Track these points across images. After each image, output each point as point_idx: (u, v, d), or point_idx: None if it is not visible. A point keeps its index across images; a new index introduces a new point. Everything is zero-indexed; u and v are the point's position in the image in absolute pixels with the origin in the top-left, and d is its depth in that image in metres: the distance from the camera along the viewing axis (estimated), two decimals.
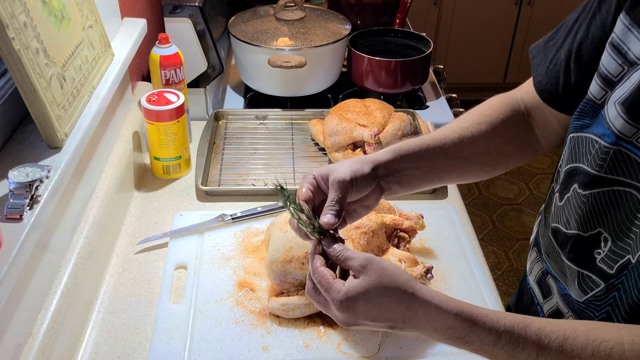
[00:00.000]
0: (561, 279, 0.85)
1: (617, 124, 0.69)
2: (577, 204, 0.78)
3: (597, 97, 0.73)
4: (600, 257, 0.76)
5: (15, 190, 0.79)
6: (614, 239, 0.73)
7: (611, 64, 0.71)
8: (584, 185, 0.76)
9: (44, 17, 0.90)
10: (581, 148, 0.76)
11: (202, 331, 0.93)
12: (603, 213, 0.74)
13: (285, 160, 1.37)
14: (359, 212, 0.81)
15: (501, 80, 3.65)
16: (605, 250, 0.75)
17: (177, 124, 1.23)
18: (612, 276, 0.75)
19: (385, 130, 1.29)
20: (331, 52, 1.55)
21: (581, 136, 0.76)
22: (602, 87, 0.73)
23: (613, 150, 0.71)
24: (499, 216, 2.93)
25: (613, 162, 0.71)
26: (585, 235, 0.77)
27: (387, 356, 0.90)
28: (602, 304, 0.78)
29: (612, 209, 0.73)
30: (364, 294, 0.67)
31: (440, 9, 3.41)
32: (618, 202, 0.72)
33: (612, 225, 0.73)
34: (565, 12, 2.91)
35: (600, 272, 0.76)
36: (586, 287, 0.79)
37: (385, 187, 0.80)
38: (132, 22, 1.32)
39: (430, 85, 1.77)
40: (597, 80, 0.73)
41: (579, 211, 0.78)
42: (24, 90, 0.85)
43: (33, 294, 0.84)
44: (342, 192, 0.74)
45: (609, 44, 0.72)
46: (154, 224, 1.18)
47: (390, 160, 0.79)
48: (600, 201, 0.74)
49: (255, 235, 1.13)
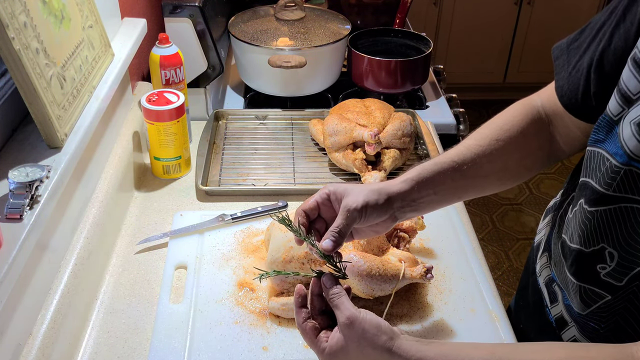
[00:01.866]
0: (565, 290, 0.85)
1: (631, 145, 0.67)
2: (582, 219, 0.77)
3: (614, 113, 0.71)
4: (605, 272, 0.75)
5: (15, 190, 0.79)
6: (621, 252, 0.72)
7: (631, 81, 0.68)
8: (590, 202, 0.75)
9: (44, 17, 0.90)
10: (591, 163, 0.75)
11: (202, 331, 0.93)
12: (607, 229, 0.73)
13: (285, 160, 1.37)
14: (367, 234, 0.83)
15: (501, 80, 3.65)
16: (612, 265, 0.74)
17: (177, 124, 1.23)
18: (621, 288, 0.74)
19: (385, 130, 1.29)
20: (331, 52, 1.55)
21: (594, 151, 0.74)
22: (620, 104, 0.70)
23: (624, 170, 0.69)
24: (499, 216, 2.93)
25: (623, 182, 0.70)
26: (587, 250, 0.77)
27: None
28: (608, 315, 0.77)
29: (617, 225, 0.72)
30: (344, 350, 0.71)
31: (440, 9, 3.41)
32: (624, 218, 0.71)
33: (616, 240, 0.72)
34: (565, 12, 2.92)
35: (607, 285, 0.75)
36: (589, 300, 0.79)
37: (399, 216, 0.81)
38: (132, 22, 1.32)
39: (430, 85, 1.77)
40: (616, 96, 0.70)
41: (582, 226, 0.76)
42: (24, 90, 0.85)
43: (33, 294, 0.84)
44: (349, 221, 0.76)
45: (631, 59, 0.68)
46: (154, 224, 1.18)
47: (408, 191, 0.80)
48: (605, 218, 0.73)
49: (255, 235, 1.13)
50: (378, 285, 0.90)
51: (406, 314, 0.96)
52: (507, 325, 0.95)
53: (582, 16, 3.46)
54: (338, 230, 0.75)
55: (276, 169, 1.34)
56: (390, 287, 0.91)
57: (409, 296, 1.00)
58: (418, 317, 0.96)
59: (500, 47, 3.55)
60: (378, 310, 0.96)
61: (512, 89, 3.70)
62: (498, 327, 0.95)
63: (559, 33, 3.92)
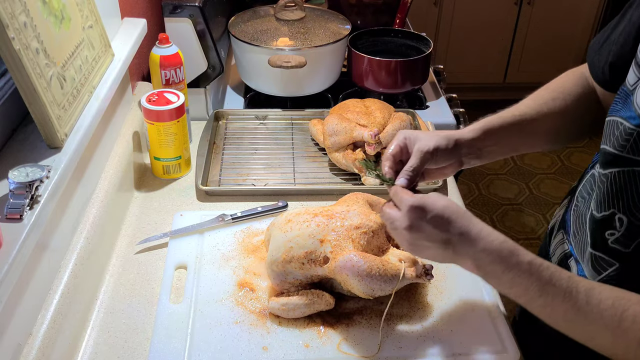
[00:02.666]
0: (580, 261, 0.87)
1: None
2: (596, 183, 0.82)
3: (631, 83, 0.76)
4: (614, 238, 0.78)
5: (15, 190, 0.79)
6: (630, 218, 0.75)
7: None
8: (604, 165, 0.79)
9: (44, 17, 0.90)
10: (608, 131, 0.79)
11: (202, 331, 0.93)
12: (619, 193, 0.76)
13: (285, 160, 1.37)
14: (436, 175, 0.92)
15: (501, 80, 3.65)
16: (622, 231, 0.76)
17: (177, 124, 1.23)
18: (629, 255, 0.76)
19: (385, 130, 1.29)
20: (331, 52, 1.55)
21: (610, 120, 0.79)
22: (636, 74, 0.75)
23: (637, 132, 0.73)
24: (499, 216, 2.93)
25: (635, 143, 0.73)
26: (598, 216, 0.80)
27: (387, 356, 0.90)
28: (617, 283, 0.78)
29: (628, 188, 0.75)
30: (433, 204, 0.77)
31: (440, 9, 3.41)
32: (636, 182, 0.74)
33: (627, 205, 0.75)
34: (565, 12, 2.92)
35: (614, 253, 0.78)
36: (599, 268, 0.81)
37: (465, 161, 0.90)
38: (132, 22, 1.32)
39: (430, 85, 1.77)
40: (634, 68, 0.75)
41: (597, 190, 0.81)
42: (24, 90, 0.85)
43: (33, 294, 0.84)
44: (421, 162, 0.85)
45: None
46: (154, 224, 1.18)
47: (475, 139, 0.89)
48: (618, 180, 0.76)
49: (255, 235, 1.13)
50: (378, 285, 0.90)
51: (406, 314, 0.96)
52: (507, 325, 0.95)
53: (582, 16, 3.46)
54: (412, 169, 0.84)
55: (276, 169, 1.34)
56: (391, 287, 0.91)
57: (409, 296, 1.00)
58: (418, 317, 0.96)
59: (500, 47, 3.55)
60: (378, 310, 0.96)
61: (512, 89, 3.70)
62: (498, 327, 0.95)
63: (559, 33, 3.93)
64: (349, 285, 0.91)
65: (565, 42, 3.54)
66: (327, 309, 0.95)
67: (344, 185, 1.30)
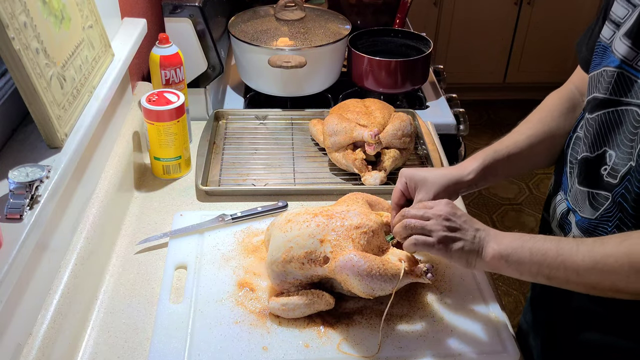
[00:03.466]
0: (576, 208, 0.93)
1: (621, 50, 0.83)
2: (585, 128, 0.90)
3: (607, 37, 0.87)
4: (606, 172, 0.86)
5: (15, 190, 0.79)
6: (617, 152, 0.83)
7: (619, 10, 0.85)
8: (592, 109, 0.88)
9: (44, 17, 0.90)
10: (591, 83, 0.89)
11: (202, 331, 0.93)
12: (608, 132, 0.85)
13: (285, 160, 1.37)
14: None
15: (501, 80, 3.65)
16: (610, 164, 0.85)
17: (177, 124, 1.23)
18: (616, 185, 0.84)
19: (385, 130, 1.29)
20: (331, 52, 1.55)
21: (592, 74, 0.89)
22: (611, 29, 0.86)
23: (617, 73, 0.83)
24: (499, 216, 2.93)
25: (617, 85, 0.83)
26: (592, 156, 0.88)
27: (387, 356, 0.90)
28: (612, 215, 0.86)
29: (616, 127, 0.83)
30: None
31: (440, 9, 3.41)
32: (621, 120, 0.82)
33: (614, 142, 0.84)
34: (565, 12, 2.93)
35: (607, 186, 0.86)
36: (597, 204, 0.88)
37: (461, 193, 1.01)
38: (132, 22, 1.32)
39: (430, 85, 1.77)
40: (608, 24, 0.87)
41: (587, 134, 0.89)
42: (24, 90, 0.85)
43: (33, 294, 0.84)
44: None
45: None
46: (154, 224, 1.18)
47: (474, 179, 0.98)
48: (606, 121, 0.85)
49: (255, 235, 1.13)
50: (378, 285, 0.90)
51: (406, 314, 0.96)
52: (507, 325, 0.95)
53: (582, 16, 3.46)
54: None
55: (276, 169, 1.34)
56: (391, 287, 0.91)
57: (409, 296, 1.00)
58: (418, 317, 0.96)
59: (500, 47, 3.55)
60: (378, 310, 0.96)
61: (512, 89, 3.70)
62: (498, 327, 0.95)
63: (559, 33, 3.93)
64: (349, 285, 0.91)
65: (565, 42, 3.54)
66: (327, 308, 0.95)
67: (344, 185, 1.30)
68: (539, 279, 0.83)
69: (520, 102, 3.78)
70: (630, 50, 0.81)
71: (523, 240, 0.83)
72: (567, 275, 0.80)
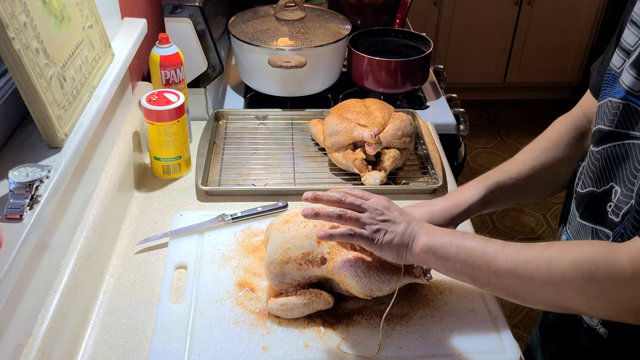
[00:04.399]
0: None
1: (627, 81, 0.78)
2: (591, 161, 0.86)
3: (617, 66, 0.83)
4: (610, 209, 0.82)
5: (15, 190, 0.79)
6: (623, 189, 0.80)
7: (630, 37, 0.80)
8: (597, 142, 0.84)
9: (44, 17, 0.90)
10: (599, 113, 0.85)
11: (202, 331, 0.93)
12: (614, 166, 0.81)
13: (285, 160, 1.37)
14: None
15: (501, 80, 3.65)
16: (615, 201, 0.81)
17: (177, 124, 1.23)
18: (618, 223, 0.81)
19: (385, 130, 1.29)
20: (331, 52, 1.55)
21: (601, 103, 0.85)
22: (621, 57, 0.82)
23: (622, 104, 0.79)
24: (499, 216, 2.93)
25: (623, 117, 0.79)
26: (598, 191, 0.84)
27: (387, 356, 0.90)
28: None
29: (622, 161, 0.80)
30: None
31: (440, 9, 3.41)
32: (627, 154, 0.79)
33: (621, 177, 0.80)
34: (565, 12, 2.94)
35: (610, 224, 0.82)
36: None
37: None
38: (132, 22, 1.32)
39: (430, 85, 1.77)
40: (618, 52, 0.83)
41: (592, 168, 0.85)
42: (24, 90, 0.85)
43: (33, 294, 0.84)
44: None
45: (630, 21, 0.81)
46: (154, 224, 1.18)
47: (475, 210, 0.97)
48: (611, 155, 0.82)
49: (255, 235, 1.13)
50: (376, 286, 0.90)
51: (406, 314, 0.96)
52: (506, 325, 0.95)
53: (582, 16, 3.46)
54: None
55: (276, 169, 1.34)
56: (389, 288, 0.91)
57: (409, 296, 1.00)
58: (418, 317, 0.96)
59: (500, 47, 3.55)
60: (378, 310, 0.96)
61: (512, 89, 3.70)
62: (498, 327, 0.95)
63: (559, 33, 3.94)
64: (347, 286, 0.91)
65: (565, 42, 3.54)
66: (326, 307, 0.95)
67: (344, 185, 1.30)
68: (463, 277, 0.84)
69: (520, 102, 3.79)
70: (636, 81, 0.77)
71: (453, 237, 0.84)
72: (489, 276, 0.80)
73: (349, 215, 0.86)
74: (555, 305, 0.79)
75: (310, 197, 0.87)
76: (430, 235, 0.85)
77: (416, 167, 1.37)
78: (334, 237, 0.85)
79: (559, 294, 0.75)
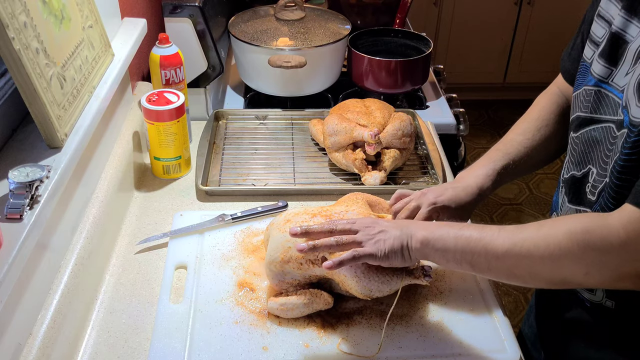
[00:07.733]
0: None
1: (597, 70, 0.86)
2: (572, 147, 0.92)
3: (588, 57, 0.90)
4: (588, 190, 0.88)
5: (15, 190, 0.79)
6: (598, 169, 0.85)
7: (598, 30, 0.88)
8: (576, 128, 0.91)
9: (44, 17, 0.90)
10: (575, 102, 0.92)
11: (202, 331, 0.93)
12: (591, 149, 0.87)
13: (285, 160, 1.37)
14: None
15: (501, 80, 3.65)
16: (591, 182, 0.87)
17: (177, 124, 1.23)
18: (595, 202, 0.86)
19: (385, 130, 1.29)
20: (331, 52, 1.55)
21: (576, 93, 0.92)
22: (591, 49, 0.89)
23: (594, 91, 0.86)
24: (499, 216, 2.93)
25: (595, 103, 0.86)
26: (578, 174, 0.90)
27: (387, 356, 0.90)
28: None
29: (596, 143, 0.86)
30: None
31: (440, 9, 3.41)
32: (601, 137, 0.85)
33: (596, 159, 0.86)
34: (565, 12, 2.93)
35: (589, 203, 0.88)
36: None
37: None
38: (132, 22, 1.32)
39: (430, 85, 1.77)
40: (589, 45, 0.90)
41: (573, 153, 0.92)
42: (24, 90, 0.85)
43: (33, 294, 0.84)
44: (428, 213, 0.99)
45: (597, 15, 0.89)
46: (154, 224, 1.18)
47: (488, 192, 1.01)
48: (588, 139, 0.88)
49: (255, 235, 1.13)
50: (376, 286, 0.90)
51: (406, 314, 0.96)
52: (507, 325, 0.95)
53: (582, 16, 3.46)
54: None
55: (276, 169, 1.34)
56: (388, 289, 0.91)
57: (409, 296, 1.00)
58: (418, 317, 0.96)
59: (500, 47, 3.55)
60: (378, 310, 0.96)
61: (512, 89, 3.70)
62: (498, 327, 0.95)
63: (559, 33, 3.93)
64: (347, 286, 0.91)
65: (565, 42, 3.52)
66: (325, 308, 0.95)
67: (344, 185, 1.30)
68: (464, 266, 0.84)
69: (520, 102, 3.77)
70: (605, 68, 0.85)
71: (450, 228, 0.86)
72: (488, 260, 0.82)
73: (345, 240, 0.87)
74: (555, 280, 0.80)
75: (298, 232, 0.88)
76: (427, 229, 0.86)
77: (416, 167, 1.37)
78: (343, 263, 0.86)
79: (557, 266, 0.77)
